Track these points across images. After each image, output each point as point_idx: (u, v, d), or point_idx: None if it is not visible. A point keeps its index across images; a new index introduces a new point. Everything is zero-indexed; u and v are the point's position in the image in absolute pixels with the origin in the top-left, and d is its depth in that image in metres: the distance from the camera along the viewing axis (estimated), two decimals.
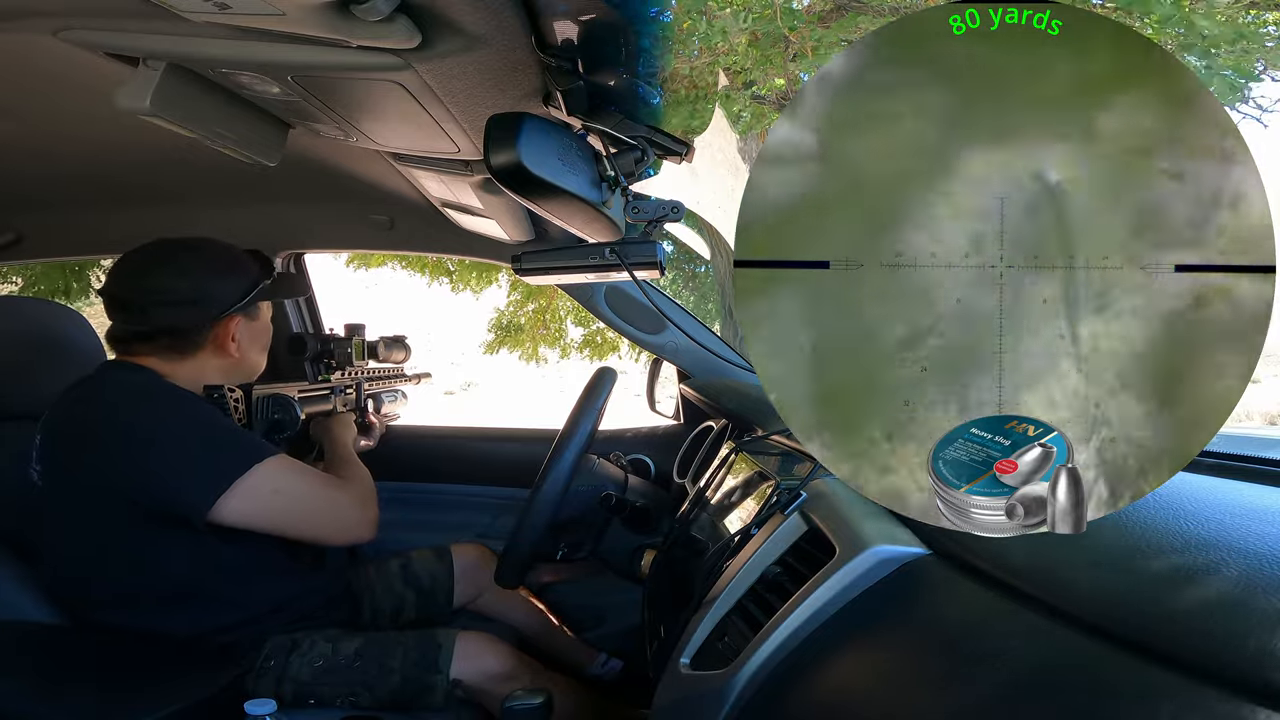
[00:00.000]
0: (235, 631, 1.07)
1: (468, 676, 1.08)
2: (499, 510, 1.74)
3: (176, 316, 1.10)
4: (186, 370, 1.11)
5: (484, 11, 0.63)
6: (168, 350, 1.10)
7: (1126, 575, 0.43)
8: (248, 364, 1.18)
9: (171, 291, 1.09)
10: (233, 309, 1.13)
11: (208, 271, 1.12)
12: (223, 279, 1.13)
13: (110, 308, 1.12)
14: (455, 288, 6.27)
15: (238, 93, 0.86)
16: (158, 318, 1.09)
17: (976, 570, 0.52)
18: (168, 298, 1.09)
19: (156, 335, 1.10)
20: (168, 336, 1.10)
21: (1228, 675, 0.33)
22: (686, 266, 7.64)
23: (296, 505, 1.08)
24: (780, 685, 0.57)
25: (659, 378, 1.77)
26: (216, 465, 1.02)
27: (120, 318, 1.11)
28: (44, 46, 0.76)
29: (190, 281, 1.10)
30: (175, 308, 1.09)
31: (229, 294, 1.13)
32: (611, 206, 0.76)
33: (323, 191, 1.50)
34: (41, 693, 0.90)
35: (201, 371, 1.12)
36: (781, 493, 0.76)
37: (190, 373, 1.11)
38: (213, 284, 1.12)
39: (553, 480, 1.02)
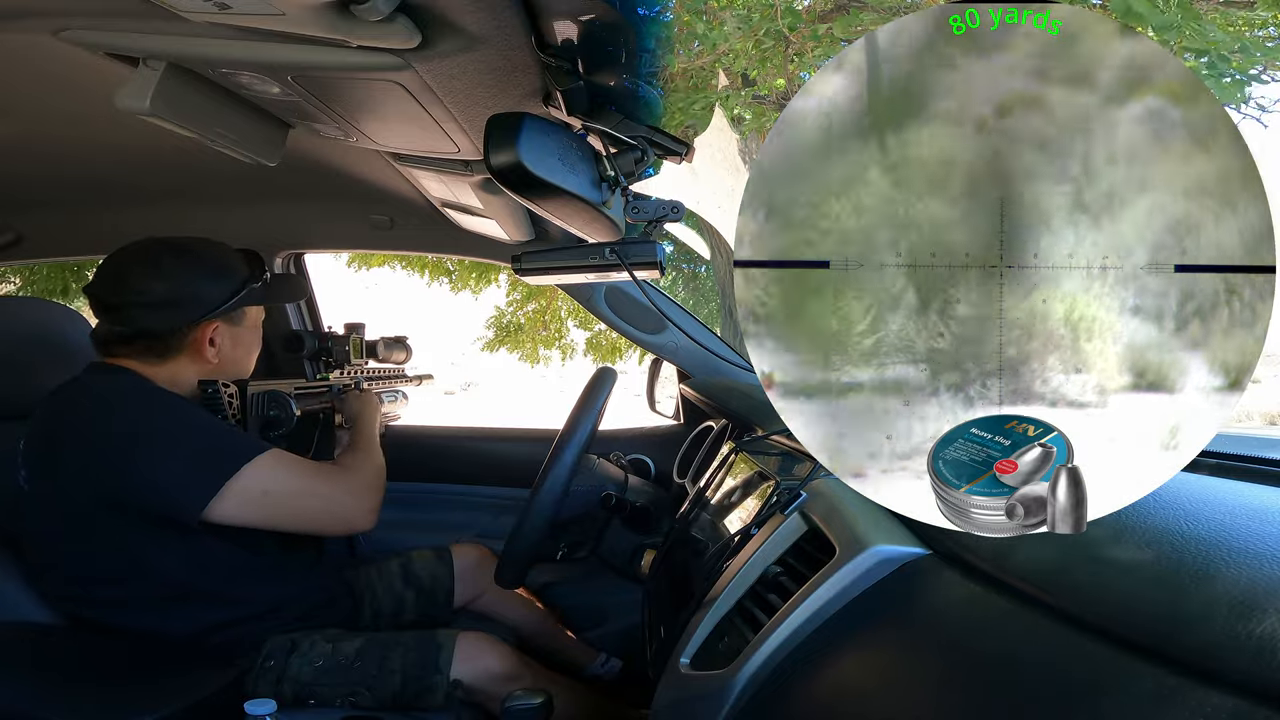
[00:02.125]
0: (234, 631, 1.07)
1: (468, 677, 1.08)
2: (499, 510, 1.74)
3: (152, 319, 1.08)
4: (164, 373, 1.10)
5: (484, 11, 0.63)
6: (145, 353, 1.09)
7: (1126, 575, 0.43)
8: (229, 368, 1.16)
9: (148, 293, 1.07)
10: (212, 313, 1.11)
11: (189, 274, 1.10)
12: (205, 282, 1.11)
13: (93, 308, 1.11)
14: (455, 288, 6.28)
15: (238, 93, 0.86)
16: (134, 319, 1.08)
17: (976, 570, 0.52)
18: (144, 299, 1.07)
19: (134, 338, 1.09)
20: (144, 339, 1.09)
21: (1228, 675, 0.33)
22: (686, 266, 7.65)
23: (290, 501, 1.07)
24: (780, 685, 0.57)
25: (659, 378, 1.77)
26: (205, 468, 1.01)
27: (102, 318, 1.10)
28: (44, 46, 0.76)
29: (169, 284, 1.09)
30: (151, 310, 1.08)
31: (210, 298, 1.11)
32: (611, 206, 0.76)
33: (323, 191, 1.50)
34: (41, 693, 0.90)
35: (178, 375, 1.11)
36: (781, 493, 0.76)
37: (168, 376, 1.10)
38: (193, 287, 1.10)
39: (553, 480, 1.02)
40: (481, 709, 1.12)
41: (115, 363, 1.10)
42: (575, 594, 1.57)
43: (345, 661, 1.07)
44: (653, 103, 0.79)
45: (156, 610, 1.04)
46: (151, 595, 1.04)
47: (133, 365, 1.09)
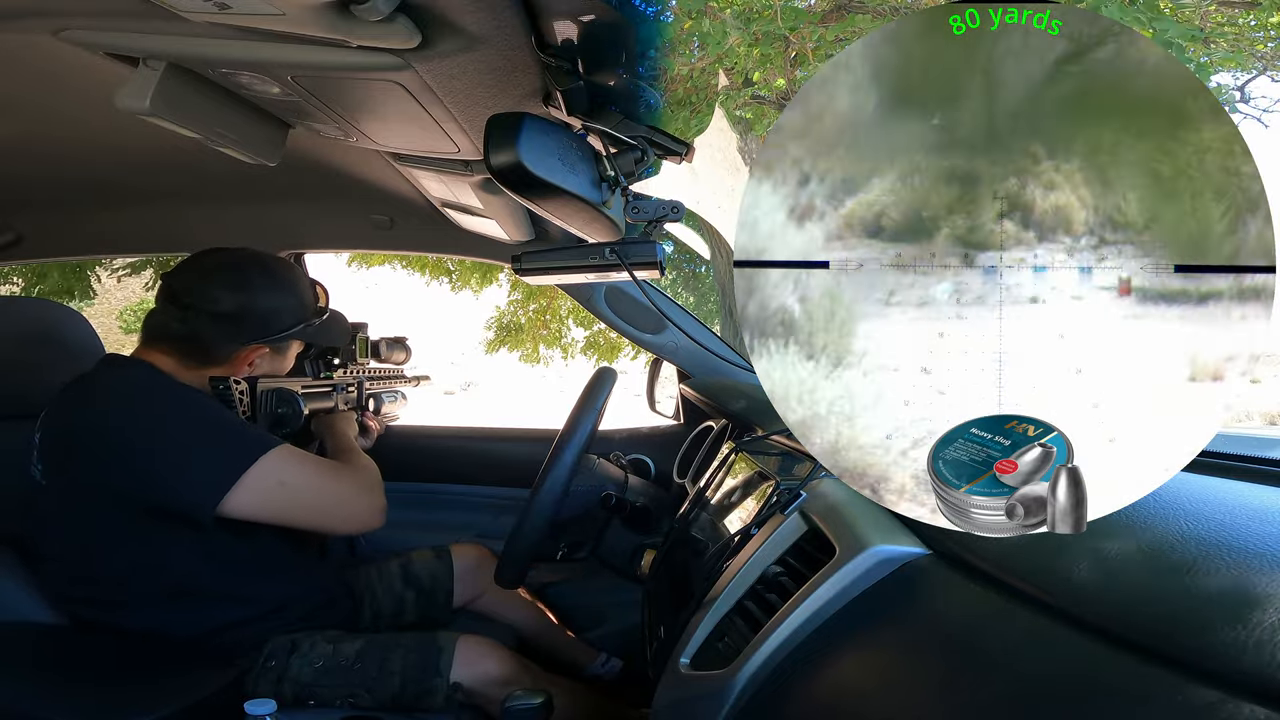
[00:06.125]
0: (237, 631, 1.07)
1: (468, 680, 1.08)
2: (499, 510, 1.74)
3: (212, 330, 1.09)
4: (192, 376, 1.11)
5: (484, 11, 0.63)
6: (186, 355, 1.10)
7: (1126, 575, 0.43)
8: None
9: (221, 303, 1.09)
10: (267, 339, 1.13)
11: (268, 295, 1.12)
12: (273, 308, 1.13)
13: (161, 295, 1.11)
14: (455, 288, 6.28)
15: (238, 93, 0.86)
16: (196, 323, 1.09)
17: (976, 570, 0.52)
18: (215, 308, 1.09)
19: (186, 339, 1.09)
20: (193, 343, 1.10)
21: (1228, 675, 0.33)
22: (686, 266, 7.65)
23: (303, 495, 1.07)
24: (780, 685, 0.57)
25: (659, 378, 1.77)
26: (220, 461, 1.01)
27: (165, 308, 1.10)
28: (44, 46, 0.76)
29: (245, 300, 1.10)
30: (215, 319, 1.09)
31: (274, 324, 1.13)
32: (611, 206, 0.76)
33: (323, 191, 1.50)
34: (41, 693, 0.90)
35: (203, 380, 1.12)
36: (781, 493, 0.76)
37: (194, 379, 1.11)
38: (264, 309, 1.12)
39: (553, 480, 1.02)
40: (481, 711, 1.12)
41: (140, 355, 1.10)
42: (575, 594, 1.57)
43: (345, 663, 1.07)
44: (653, 103, 0.79)
45: (160, 609, 1.04)
46: (156, 594, 1.04)
47: (162, 361, 1.09)
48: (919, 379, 0.49)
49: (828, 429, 0.51)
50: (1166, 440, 0.46)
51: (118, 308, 10.33)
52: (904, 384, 0.49)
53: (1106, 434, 0.46)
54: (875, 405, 0.50)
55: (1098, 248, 0.46)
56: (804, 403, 0.50)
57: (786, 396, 0.50)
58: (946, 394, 0.48)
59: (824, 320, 0.50)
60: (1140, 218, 0.46)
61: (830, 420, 0.51)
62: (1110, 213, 0.46)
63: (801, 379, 0.50)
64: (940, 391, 0.48)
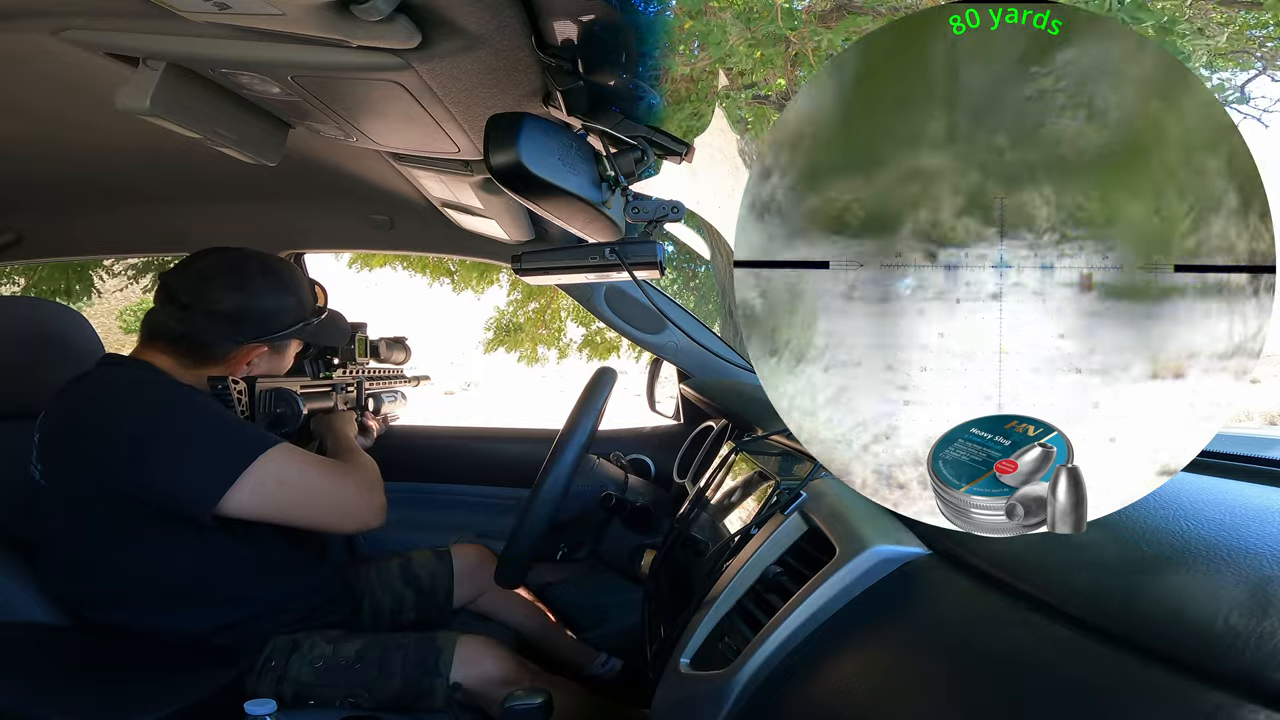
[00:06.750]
0: (237, 630, 1.07)
1: (468, 680, 1.08)
2: (499, 510, 1.74)
3: (211, 330, 1.09)
4: (191, 376, 1.11)
5: (484, 11, 0.63)
6: (184, 354, 1.10)
7: (1126, 575, 0.43)
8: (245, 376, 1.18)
9: (221, 303, 1.09)
10: (266, 338, 1.13)
11: (267, 296, 1.12)
12: (272, 307, 1.13)
13: (160, 294, 1.12)
14: (457, 288, 6.28)
15: (238, 93, 0.86)
16: (194, 323, 1.09)
17: (976, 570, 0.52)
18: (214, 308, 1.09)
19: (183, 338, 1.09)
20: (191, 342, 1.10)
21: (1228, 675, 0.33)
22: (686, 266, 7.65)
23: (302, 494, 1.07)
24: (780, 685, 0.57)
25: (659, 378, 1.77)
26: (220, 460, 1.01)
27: (164, 307, 1.10)
28: (44, 46, 0.76)
29: (244, 300, 1.10)
30: (214, 319, 1.09)
31: (272, 324, 1.13)
32: (611, 206, 0.76)
33: (323, 191, 1.51)
34: (42, 693, 0.90)
35: (201, 379, 1.12)
36: (781, 493, 0.76)
37: (193, 379, 1.11)
38: (259, 308, 1.12)
39: (553, 480, 1.02)
40: (481, 711, 1.12)
41: (139, 355, 1.10)
42: (575, 594, 1.56)
43: (345, 663, 1.07)
44: (653, 103, 0.79)
45: (160, 610, 1.04)
46: (156, 594, 1.04)
47: (160, 360, 1.10)
48: (882, 375, 0.49)
49: (789, 423, 0.51)
50: (1166, 440, 0.46)
51: (118, 308, 10.33)
52: (866, 379, 0.49)
53: (1106, 434, 0.46)
54: (836, 400, 0.50)
55: (1059, 244, 0.46)
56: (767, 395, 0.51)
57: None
58: (908, 390, 0.48)
59: (785, 314, 0.50)
60: (1102, 214, 0.46)
61: (792, 415, 0.51)
62: (1072, 209, 0.46)
63: (764, 375, 0.51)
64: (901, 387, 0.49)
